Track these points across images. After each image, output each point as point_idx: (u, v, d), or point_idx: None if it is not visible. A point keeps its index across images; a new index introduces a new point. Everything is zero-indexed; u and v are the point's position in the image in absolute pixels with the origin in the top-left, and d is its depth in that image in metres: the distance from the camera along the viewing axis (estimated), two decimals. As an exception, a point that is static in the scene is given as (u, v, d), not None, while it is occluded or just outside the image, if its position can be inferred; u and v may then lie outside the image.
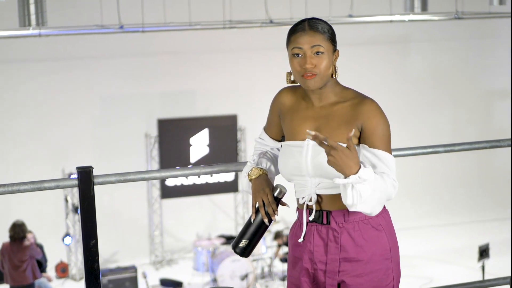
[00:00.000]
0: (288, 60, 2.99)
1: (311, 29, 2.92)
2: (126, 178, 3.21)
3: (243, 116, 14.38)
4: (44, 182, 3.10)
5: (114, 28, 11.55)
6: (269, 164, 3.15)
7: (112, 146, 14.24)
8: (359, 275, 2.96)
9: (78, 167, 3.11)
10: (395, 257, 3.03)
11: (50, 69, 13.89)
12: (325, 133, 2.91)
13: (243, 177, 3.15)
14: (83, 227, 3.12)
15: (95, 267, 3.13)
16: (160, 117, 13.81)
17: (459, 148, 3.54)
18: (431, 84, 16.07)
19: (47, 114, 13.99)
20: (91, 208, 3.09)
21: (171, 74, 14.59)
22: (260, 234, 3.02)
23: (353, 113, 2.91)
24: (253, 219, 3.01)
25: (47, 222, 13.50)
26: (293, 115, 3.06)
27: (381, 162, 2.85)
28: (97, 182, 3.12)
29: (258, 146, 3.29)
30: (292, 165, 2.97)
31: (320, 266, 3.00)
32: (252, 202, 3.03)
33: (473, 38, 16.24)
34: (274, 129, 3.22)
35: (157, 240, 14.16)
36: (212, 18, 12.44)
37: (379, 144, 2.86)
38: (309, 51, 2.90)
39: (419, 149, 3.52)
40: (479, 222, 15.41)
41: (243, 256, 3.06)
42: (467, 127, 16.40)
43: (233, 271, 11.99)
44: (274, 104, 3.20)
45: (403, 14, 12.19)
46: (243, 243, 3.01)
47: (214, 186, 14.15)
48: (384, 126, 2.89)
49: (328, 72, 2.93)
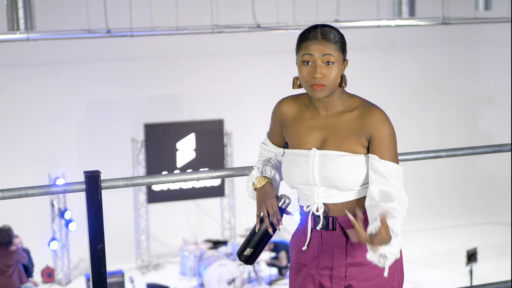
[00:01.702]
0: (297, 66, 2.98)
1: (323, 38, 2.91)
2: (134, 182, 3.21)
3: (230, 121, 14.38)
4: (52, 186, 3.10)
5: (101, 33, 11.54)
6: (274, 172, 3.15)
7: (98, 151, 14.20)
8: (366, 279, 2.97)
9: (85, 171, 3.11)
10: (399, 260, 3.06)
11: (37, 73, 13.84)
12: (332, 143, 2.92)
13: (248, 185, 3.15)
14: (90, 231, 3.12)
15: (102, 271, 3.13)
16: (146, 122, 13.79)
17: (462, 152, 3.57)
18: (417, 89, 16.14)
19: (33, 118, 13.93)
20: (99, 212, 3.10)
21: (158, 79, 14.58)
22: (264, 243, 3.04)
23: (360, 122, 2.91)
24: (258, 229, 3.02)
25: (33, 227, 13.43)
26: (298, 125, 3.04)
27: (390, 174, 2.87)
28: (105, 187, 3.12)
29: (262, 151, 3.28)
30: (298, 174, 2.96)
31: (326, 272, 3.01)
32: (257, 212, 3.03)
33: (459, 43, 16.34)
34: (276, 137, 3.21)
35: (143, 244, 14.13)
36: (199, 22, 12.44)
37: (387, 154, 2.88)
38: (320, 60, 2.89)
39: (423, 153, 3.55)
40: (466, 227, 15.49)
41: (247, 264, 3.09)
42: (453, 132, 16.48)
43: (220, 275, 11.99)
44: (275, 114, 3.16)
45: (389, 19, 12.25)
46: (248, 252, 3.04)
47: (201, 190, 14.15)
48: (392, 135, 2.91)
49: (336, 82, 2.93)
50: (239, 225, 14.53)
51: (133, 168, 13.95)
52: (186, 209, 14.75)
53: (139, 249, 14.05)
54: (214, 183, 14.12)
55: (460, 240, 14.26)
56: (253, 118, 15.10)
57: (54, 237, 13.18)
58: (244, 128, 14.89)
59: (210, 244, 12.97)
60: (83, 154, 14.28)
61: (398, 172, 2.89)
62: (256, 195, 3.08)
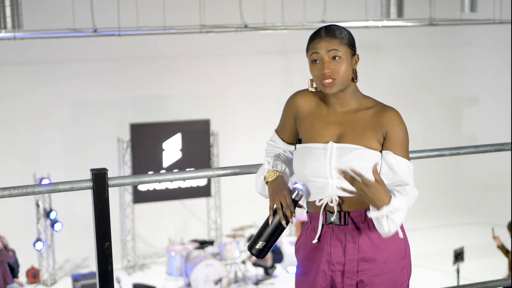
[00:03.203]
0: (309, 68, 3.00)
1: (328, 34, 2.95)
2: (141, 180, 3.20)
3: (216, 121, 14.37)
4: (59, 184, 3.08)
5: (88, 32, 11.50)
6: (284, 167, 3.15)
7: (84, 151, 14.14)
8: (377, 274, 2.99)
9: (92, 169, 3.09)
10: (409, 257, 3.10)
11: (23, 72, 13.77)
12: (349, 137, 2.95)
13: (259, 180, 3.15)
14: (97, 229, 3.10)
15: (109, 270, 3.10)
16: (132, 122, 13.75)
17: (464, 151, 3.60)
18: (403, 90, 16.21)
19: (19, 118, 13.85)
20: (106, 210, 3.07)
21: (145, 78, 14.54)
22: (276, 235, 3.03)
23: (377, 120, 2.96)
24: (271, 221, 3.02)
25: (18, 227, 13.35)
26: (314, 119, 3.05)
27: (403, 170, 2.92)
28: (112, 184, 3.10)
29: (270, 148, 3.27)
30: (314, 166, 2.97)
31: (338, 267, 3.02)
32: (270, 204, 3.03)
33: (445, 44, 16.42)
34: (287, 132, 3.20)
35: (129, 245, 14.08)
36: (186, 22, 12.42)
37: (401, 151, 2.94)
38: (326, 56, 2.93)
39: (426, 152, 3.57)
40: (451, 226, 15.57)
41: (259, 257, 3.07)
42: (437, 133, 16.57)
43: (207, 275, 11.97)
44: (290, 106, 3.15)
45: (376, 20, 12.30)
46: (260, 245, 3.02)
47: (187, 191, 14.13)
48: (406, 134, 2.99)
49: (347, 76, 2.96)
50: (225, 225, 14.53)
51: (119, 168, 13.89)
52: (172, 209, 14.73)
53: (125, 250, 14.00)
54: (200, 183, 14.11)
55: (446, 240, 14.33)
56: (239, 118, 15.11)
57: (39, 237, 13.10)
58: (231, 128, 14.89)
59: (197, 244, 12.95)
60: (68, 154, 14.21)
61: (410, 168, 2.95)
62: (268, 188, 3.08)
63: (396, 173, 2.91)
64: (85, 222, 13.44)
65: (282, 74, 15.19)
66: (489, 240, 14.50)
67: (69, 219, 13.48)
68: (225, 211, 14.66)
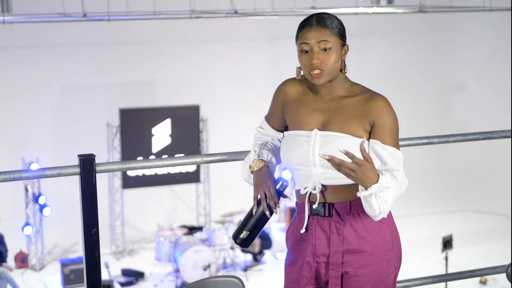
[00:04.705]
0: (297, 56, 2.98)
1: (319, 24, 2.92)
2: (128, 166, 3.20)
3: (206, 107, 14.36)
4: (46, 169, 3.08)
5: (77, 17, 11.45)
6: (271, 156, 3.15)
7: (73, 136, 14.09)
8: (362, 266, 2.99)
9: (79, 154, 3.09)
10: (397, 248, 3.07)
11: (11, 56, 13.69)
12: (334, 125, 2.93)
13: (244, 168, 3.15)
14: (84, 215, 3.09)
15: (96, 255, 3.11)
16: (122, 107, 13.72)
17: (453, 139, 3.60)
18: (392, 77, 16.21)
19: (7, 102, 13.79)
20: (93, 196, 3.07)
21: (134, 64, 14.49)
22: (260, 225, 3.04)
23: (364, 107, 2.93)
24: (255, 211, 3.02)
25: (6, 212, 13.30)
26: (300, 106, 3.05)
27: (392, 158, 2.90)
28: (99, 170, 3.10)
29: (259, 135, 3.27)
30: (298, 154, 2.96)
31: (323, 259, 3.02)
32: (254, 194, 3.03)
33: (435, 31, 16.42)
34: (276, 120, 3.20)
35: (118, 230, 14.08)
36: (176, 7, 12.37)
37: (389, 140, 2.91)
38: (316, 47, 2.91)
39: (415, 140, 3.57)
40: (439, 214, 15.61)
41: (243, 247, 3.08)
42: (426, 120, 16.59)
43: (195, 261, 11.98)
44: (278, 94, 3.15)
45: (367, 7, 12.28)
46: (244, 235, 3.03)
47: (176, 176, 14.13)
48: (394, 122, 2.95)
49: (336, 67, 2.95)
50: (214, 211, 14.54)
51: (108, 153, 13.87)
52: (161, 195, 14.71)
53: (114, 235, 14.00)
54: (189, 169, 14.11)
55: (435, 227, 14.37)
56: (229, 104, 15.08)
57: (27, 222, 13.08)
58: (220, 114, 14.87)
59: (186, 230, 12.95)
60: (57, 139, 14.16)
61: (399, 157, 2.92)
62: (253, 178, 3.07)
63: (384, 162, 2.88)
64: (74, 208, 13.48)
65: (272, 60, 15.16)
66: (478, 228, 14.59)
67: (58, 204, 13.43)
68: (214, 197, 14.66)
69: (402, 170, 2.92)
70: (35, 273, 13.09)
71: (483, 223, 14.98)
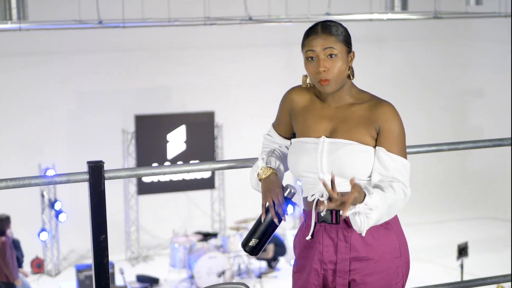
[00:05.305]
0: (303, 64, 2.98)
1: (324, 31, 2.92)
2: (137, 173, 3.21)
3: (220, 113, 14.37)
4: (55, 176, 3.10)
5: (93, 24, 11.51)
6: (278, 163, 3.14)
7: (88, 142, 14.16)
8: (370, 273, 2.97)
9: (89, 161, 3.10)
10: (405, 256, 3.05)
11: (28, 63, 13.79)
12: (342, 132, 2.93)
13: (253, 176, 3.15)
14: (93, 222, 3.11)
15: (105, 262, 3.12)
16: (137, 113, 13.76)
17: (463, 146, 3.59)
18: (407, 83, 16.17)
19: (23, 108, 13.88)
20: (102, 202, 3.09)
21: (149, 70, 14.55)
22: (269, 233, 3.03)
23: (370, 114, 2.93)
24: (263, 219, 3.02)
25: (23, 217, 13.37)
26: (307, 114, 3.04)
27: (396, 167, 2.88)
28: (108, 177, 3.11)
29: (266, 143, 3.27)
30: (305, 161, 2.96)
31: (330, 266, 3.00)
32: (262, 202, 3.02)
33: (450, 38, 16.38)
34: (283, 127, 3.20)
35: (133, 236, 14.12)
36: (191, 14, 12.42)
37: (395, 148, 2.90)
38: (322, 54, 2.90)
39: (424, 147, 3.56)
40: (455, 221, 15.53)
41: (252, 255, 3.08)
42: (442, 126, 16.53)
43: (210, 268, 11.99)
44: (285, 102, 3.15)
45: (381, 13, 12.27)
46: (253, 242, 3.02)
47: (191, 182, 14.15)
48: (401, 129, 2.92)
49: (343, 75, 2.93)
50: (229, 217, 14.55)
51: (123, 160, 13.92)
52: (176, 201, 14.74)
53: (129, 241, 14.04)
54: (204, 176, 14.12)
55: (450, 234, 14.29)
56: (244, 111, 15.10)
57: (44, 227, 13.15)
58: (235, 120, 14.89)
59: (200, 236, 12.96)
60: (72, 145, 14.24)
61: (405, 166, 2.90)
62: (261, 185, 3.07)
63: (388, 170, 2.87)
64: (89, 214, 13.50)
65: (286, 66, 15.17)
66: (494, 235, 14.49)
67: (74, 209, 13.49)
68: (229, 204, 14.67)
69: (406, 179, 2.90)
70: (51, 279, 13.15)
71: (500, 230, 14.88)
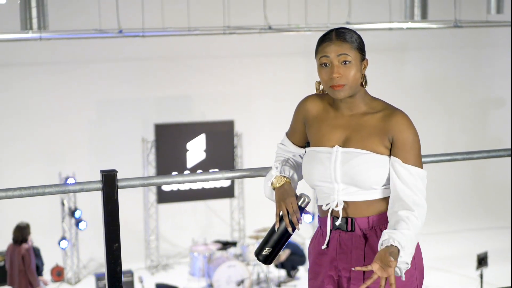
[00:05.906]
0: (317, 70, 2.99)
1: (338, 38, 2.93)
2: (150, 182, 3.22)
3: (240, 122, 14.38)
4: (68, 185, 3.11)
5: (113, 33, 11.57)
6: (292, 172, 3.14)
7: (108, 151, 14.23)
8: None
9: (102, 170, 3.11)
10: (419, 264, 3.04)
11: (49, 72, 13.90)
12: (355, 141, 2.93)
13: (266, 185, 3.15)
14: (106, 231, 3.11)
15: (118, 270, 3.12)
16: (157, 122, 13.81)
17: (477, 156, 3.57)
18: (428, 92, 16.12)
19: (44, 117, 13.99)
20: (115, 211, 3.09)
21: (169, 79, 14.60)
22: (283, 242, 3.02)
23: (384, 124, 2.92)
24: (277, 228, 3.02)
25: (43, 226, 13.46)
26: (321, 123, 3.04)
27: (412, 178, 2.87)
28: (121, 186, 3.12)
29: (280, 152, 3.27)
30: (319, 171, 2.96)
31: (345, 273, 3.01)
32: (276, 211, 3.02)
33: (470, 46, 16.31)
34: (297, 136, 3.21)
35: (153, 244, 14.14)
36: (211, 23, 12.46)
37: (410, 158, 2.88)
38: (336, 60, 2.91)
39: (438, 156, 3.54)
40: (475, 231, 15.44)
41: (265, 264, 3.08)
42: (462, 136, 16.46)
43: (229, 276, 11.99)
44: (299, 111, 3.16)
45: (401, 22, 12.24)
46: (266, 251, 3.02)
47: (210, 191, 14.15)
48: (415, 139, 2.91)
49: (357, 82, 2.93)
50: (248, 226, 14.54)
51: (143, 168, 13.97)
52: (196, 210, 14.77)
53: (149, 249, 14.07)
54: (224, 184, 14.13)
55: (469, 244, 14.21)
56: (263, 120, 15.11)
57: (64, 236, 13.21)
58: (255, 129, 14.90)
59: (220, 245, 12.97)
60: (93, 154, 14.32)
61: (421, 177, 2.89)
62: (275, 194, 3.07)
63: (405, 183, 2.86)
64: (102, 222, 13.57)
65: (306, 75, 15.17)
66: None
67: (94, 218, 13.54)
68: (248, 212, 14.67)
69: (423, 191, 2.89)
70: (70, 287, 13.20)
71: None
